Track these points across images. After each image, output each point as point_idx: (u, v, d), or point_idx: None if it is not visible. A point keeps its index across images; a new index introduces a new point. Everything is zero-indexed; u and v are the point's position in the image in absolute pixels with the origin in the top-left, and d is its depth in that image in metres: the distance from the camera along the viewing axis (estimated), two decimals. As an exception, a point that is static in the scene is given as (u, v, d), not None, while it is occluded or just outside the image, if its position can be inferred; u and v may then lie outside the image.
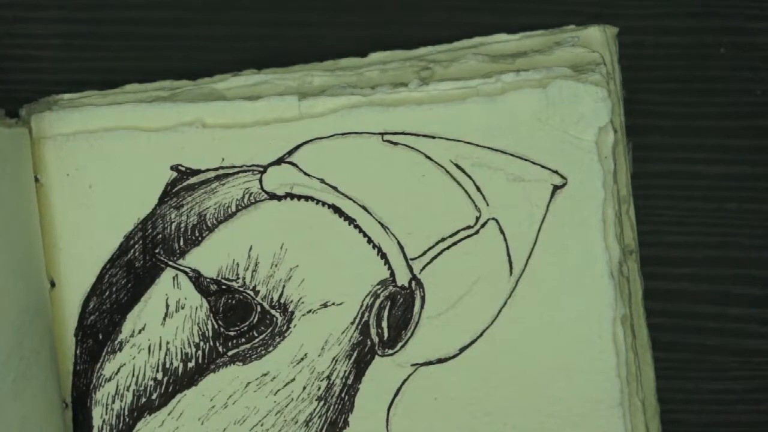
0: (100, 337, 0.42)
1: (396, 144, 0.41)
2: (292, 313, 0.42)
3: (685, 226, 0.44)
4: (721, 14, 0.44)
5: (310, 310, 0.42)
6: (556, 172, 0.41)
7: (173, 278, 0.42)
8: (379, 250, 0.41)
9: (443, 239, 0.41)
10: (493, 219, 0.41)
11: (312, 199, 0.41)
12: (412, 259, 0.41)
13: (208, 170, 0.42)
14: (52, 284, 0.42)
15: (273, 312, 0.42)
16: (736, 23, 0.44)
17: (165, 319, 0.42)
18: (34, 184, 0.42)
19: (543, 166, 0.41)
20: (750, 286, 0.44)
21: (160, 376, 0.42)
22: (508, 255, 0.41)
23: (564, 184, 0.41)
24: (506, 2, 0.44)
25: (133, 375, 0.42)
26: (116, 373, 0.42)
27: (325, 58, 0.43)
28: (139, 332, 0.42)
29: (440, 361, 0.42)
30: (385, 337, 0.42)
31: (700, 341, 0.44)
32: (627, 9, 0.44)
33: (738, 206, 0.44)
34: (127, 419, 0.42)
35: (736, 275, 0.44)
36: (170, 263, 0.42)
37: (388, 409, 0.42)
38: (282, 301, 0.42)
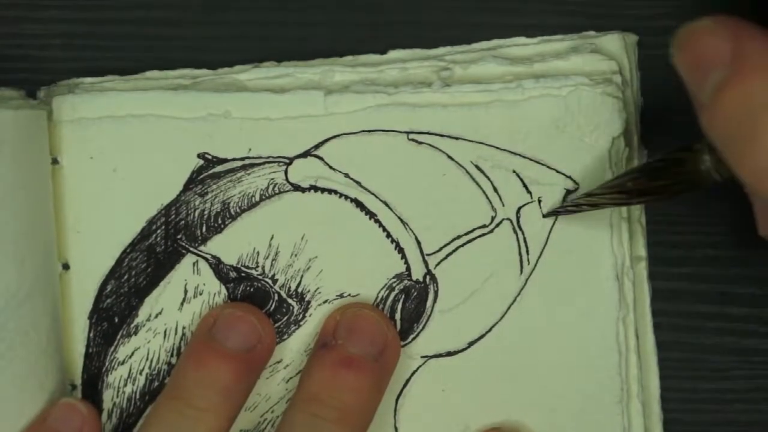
0: (116, 320, 0.43)
1: (420, 143, 0.42)
2: (309, 302, 0.43)
3: (685, 225, 0.45)
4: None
5: (326, 300, 0.43)
6: (569, 177, 0.42)
7: (193, 264, 0.42)
8: (397, 244, 0.43)
9: (459, 236, 0.43)
10: (508, 219, 0.43)
11: (335, 192, 0.42)
12: (428, 255, 0.43)
13: (234, 159, 0.42)
14: (66, 267, 0.42)
15: (290, 301, 0.43)
16: (735, 24, 0.45)
17: (183, 305, 0.43)
18: (48, 167, 0.42)
19: (558, 171, 0.42)
20: (750, 286, 0.45)
21: (174, 360, 0.43)
22: (520, 254, 0.43)
23: (576, 189, 0.42)
24: (505, 2, 0.44)
25: (147, 359, 0.43)
26: (130, 357, 0.43)
27: (323, 57, 0.44)
28: (156, 316, 0.43)
29: (449, 354, 0.43)
30: (398, 329, 0.43)
31: (700, 341, 0.45)
32: (626, 9, 0.44)
33: (738, 206, 0.44)
34: (138, 403, 0.43)
35: (736, 275, 0.45)
36: (191, 249, 0.42)
37: (397, 399, 0.43)
38: (299, 290, 0.43)
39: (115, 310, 0.43)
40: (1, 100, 0.42)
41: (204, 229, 0.42)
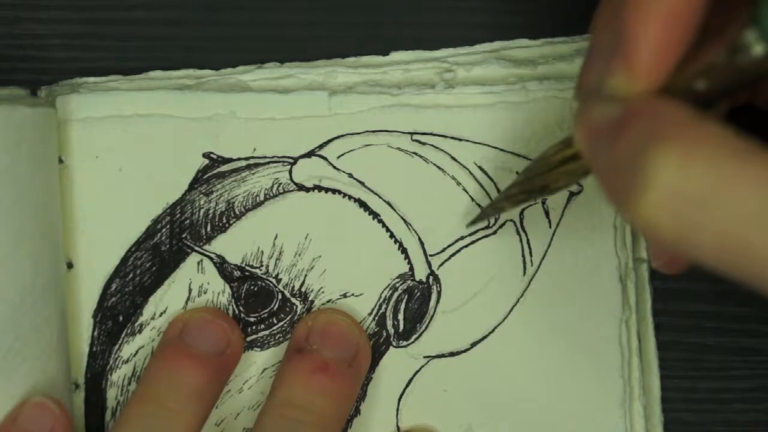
0: (121, 319, 0.43)
1: (424, 144, 0.42)
2: (312, 302, 0.43)
3: None
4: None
5: (329, 300, 0.43)
6: None
7: (198, 263, 0.43)
8: (401, 245, 0.43)
9: (462, 237, 0.43)
10: (511, 221, 0.43)
11: (339, 192, 0.43)
12: (431, 255, 0.43)
13: (239, 159, 0.42)
14: (70, 265, 0.43)
15: (294, 300, 0.43)
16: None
17: (187, 303, 0.43)
18: (57, 166, 0.42)
19: (561, 173, 0.43)
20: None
21: (178, 359, 0.43)
22: (523, 256, 0.43)
23: (580, 191, 0.43)
24: (506, 3, 0.44)
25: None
26: (134, 355, 0.43)
27: (324, 58, 0.44)
28: (160, 315, 0.43)
29: (452, 354, 0.43)
30: (401, 329, 0.43)
31: (700, 341, 0.45)
32: None
33: None
34: (142, 401, 0.43)
35: None
36: (196, 248, 0.43)
37: (399, 399, 0.43)
38: (303, 289, 0.43)
39: (120, 308, 0.43)
40: (10, 98, 0.42)
41: (209, 228, 0.43)
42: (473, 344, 0.43)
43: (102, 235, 0.42)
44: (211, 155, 0.42)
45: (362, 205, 0.43)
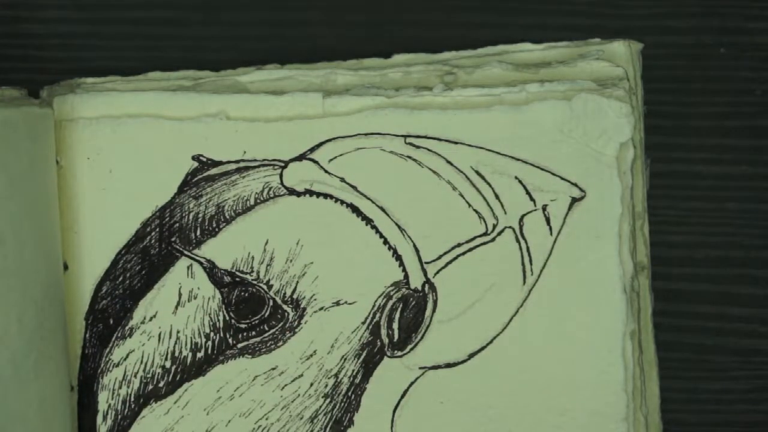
0: (111, 322, 0.42)
1: (418, 147, 0.41)
2: (304, 309, 0.42)
3: (685, 226, 0.44)
4: (721, 14, 0.44)
5: (322, 308, 0.42)
6: (575, 184, 0.41)
7: (188, 268, 0.42)
8: (395, 251, 0.41)
9: (459, 244, 0.41)
10: (510, 227, 0.41)
11: (331, 197, 0.41)
12: (426, 263, 0.41)
13: (229, 162, 0.42)
14: (66, 267, 0.42)
15: (285, 307, 0.42)
16: (736, 23, 0.44)
17: (177, 308, 0.42)
18: (55, 166, 0.42)
19: (563, 178, 0.41)
20: (750, 286, 0.44)
21: (168, 364, 0.42)
22: (523, 264, 0.41)
23: (582, 197, 0.41)
24: (507, 2, 0.44)
25: (142, 362, 0.42)
26: (125, 359, 0.42)
27: (326, 58, 0.43)
28: (150, 319, 0.42)
29: (449, 365, 0.42)
30: (395, 339, 0.42)
31: (700, 341, 0.44)
32: (626, 9, 0.44)
33: (738, 206, 0.44)
34: (133, 405, 0.42)
35: (736, 275, 0.44)
36: (185, 252, 0.42)
37: (394, 411, 0.42)
38: (295, 296, 0.42)
39: (110, 311, 0.42)
40: (8, 99, 0.42)
41: (198, 232, 0.42)
42: (471, 355, 0.42)
43: (93, 236, 0.42)
44: (201, 158, 0.42)
45: (354, 210, 0.41)
